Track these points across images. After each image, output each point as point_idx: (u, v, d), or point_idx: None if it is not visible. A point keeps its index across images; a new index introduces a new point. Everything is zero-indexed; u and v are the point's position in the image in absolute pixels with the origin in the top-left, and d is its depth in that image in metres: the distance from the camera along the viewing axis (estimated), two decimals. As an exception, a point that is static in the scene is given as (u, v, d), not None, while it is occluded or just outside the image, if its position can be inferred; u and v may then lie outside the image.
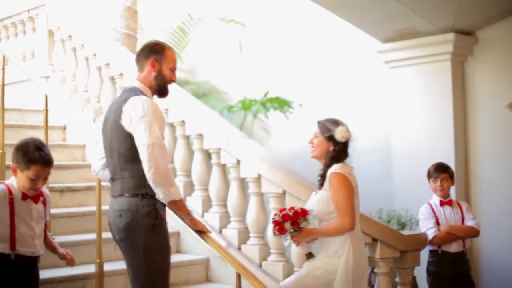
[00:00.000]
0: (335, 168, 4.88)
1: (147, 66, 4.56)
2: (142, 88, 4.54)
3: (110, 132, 4.44)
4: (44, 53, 8.76)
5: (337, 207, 4.79)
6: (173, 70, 4.66)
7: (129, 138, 4.32)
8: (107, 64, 7.82)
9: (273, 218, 4.83)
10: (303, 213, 4.80)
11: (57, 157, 7.47)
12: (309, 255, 4.91)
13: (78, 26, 8.30)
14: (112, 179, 4.49)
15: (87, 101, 8.15)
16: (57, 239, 6.09)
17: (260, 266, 6.23)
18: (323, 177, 4.95)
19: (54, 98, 7.80)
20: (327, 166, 4.94)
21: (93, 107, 8.02)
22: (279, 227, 4.75)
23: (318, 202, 4.89)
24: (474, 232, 6.49)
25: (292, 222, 4.76)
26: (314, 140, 5.02)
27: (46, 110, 6.57)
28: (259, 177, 6.30)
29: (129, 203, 4.34)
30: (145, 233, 4.32)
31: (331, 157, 4.94)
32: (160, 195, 4.29)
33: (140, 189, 4.33)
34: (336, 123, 5.02)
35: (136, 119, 4.28)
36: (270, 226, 5.13)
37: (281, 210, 4.84)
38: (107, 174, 4.70)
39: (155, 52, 4.59)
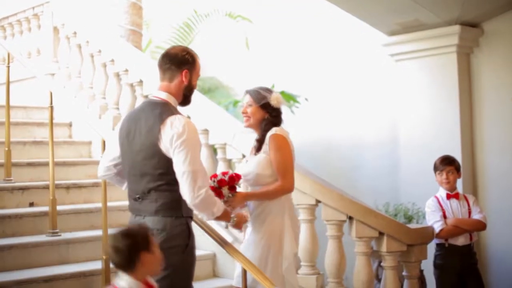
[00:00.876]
0: (275, 130, 4.86)
1: (178, 76, 4.40)
2: (170, 100, 4.37)
3: (141, 152, 4.26)
4: (49, 50, 8.75)
5: (278, 168, 4.77)
6: (198, 77, 4.61)
7: (166, 161, 4.18)
8: (112, 61, 7.81)
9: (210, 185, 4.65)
10: (237, 177, 4.76)
11: (63, 154, 7.55)
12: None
13: (83, 23, 8.29)
14: (140, 199, 4.30)
15: (93, 98, 8.15)
16: (64, 236, 6.13)
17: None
18: (260, 141, 4.89)
19: (60, 95, 7.81)
20: (265, 131, 4.88)
21: (99, 103, 8.02)
22: (216, 193, 4.60)
23: (257, 165, 4.81)
24: (481, 226, 6.50)
25: (230, 187, 4.71)
26: (247, 109, 4.93)
27: (52, 107, 6.57)
28: (264, 172, 6.28)
29: (163, 223, 4.21)
30: (177, 252, 4.21)
31: (268, 122, 4.90)
32: (204, 218, 4.32)
33: (175, 210, 4.22)
34: (268, 90, 5.00)
35: (176, 143, 4.12)
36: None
37: (213, 176, 4.74)
38: (119, 182, 4.65)
39: (187, 62, 4.44)
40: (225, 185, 4.70)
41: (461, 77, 8.72)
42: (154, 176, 4.23)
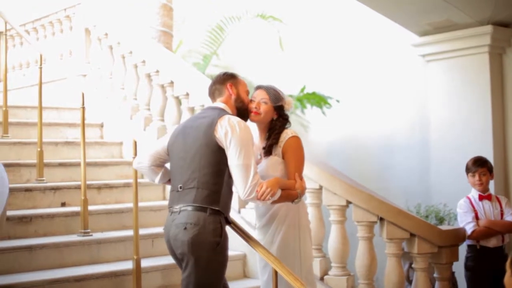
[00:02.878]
0: (291, 132, 4.86)
1: (225, 90, 4.68)
2: (227, 109, 4.62)
3: (194, 145, 4.44)
4: (81, 51, 8.81)
5: (296, 169, 4.74)
6: (247, 93, 4.82)
7: (219, 152, 4.37)
8: (143, 62, 7.84)
9: None
10: None
11: (95, 154, 7.61)
12: None
13: (114, 24, 8.33)
14: (181, 188, 4.43)
15: (124, 99, 8.19)
16: (95, 236, 6.17)
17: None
18: (271, 145, 4.83)
19: (91, 96, 7.86)
20: (278, 133, 4.85)
21: (130, 104, 8.06)
22: None
23: (270, 167, 4.78)
24: None
25: None
26: (261, 106, 4.88)
27: (83, 108, 6.61)
28: (295, 173, 6.27)
29: (197, 217, 4.31)
30: (208, 249, 4.30)
31: (281, 125, 4.89)
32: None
33: (212, 203, 4.33)
34: (282, 92, 4.99)
35: (232, 136, 4.33)
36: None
37: None
38: (153, 172, 4.76)
39: (228, 77, 4.73)
40: None
41: (493, 78, 8.65)
42: (200, 166, 4.38)
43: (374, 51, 10.32)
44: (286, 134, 4.84)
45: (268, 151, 4.84)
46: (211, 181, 4.36)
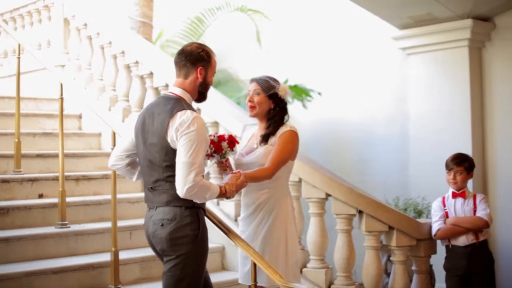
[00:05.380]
0: (290, 127, 4.82)
1: (193, 73, 4.47)
2: (185, 96, 4.45)
3: (153, 145, 4.35)
4: (60, 41, 8.76)
5: (276, 157, 4.68)
6: (214, 75, 4.65)
7: (173, 153, 4.26)
8: (123, 52, 7.81)
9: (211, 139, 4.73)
10: (236, 142, 4.82)
11: (73, 145, 7.56)
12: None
13: (94, 15, 8.28)
14: (152, 189, 4.39)
15: (103, 90, 8.15)
16: (73, 228, 6.13)
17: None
18: (269, 134, 4.81)
19: (70, 86, 7.78)
20: (275, 122, 4.84)
21: (109, 95, 8.02)
22: (215, 145, 4.71)
23: (263, 157, 4.75)
24: (481, 223, 6.18)
25: (229, 142, 4.75)
26: (254, 98, 4.85)
27: (62, 98, 6.56)
28: (274, 165, 6.26)
29: (173, 213, 4.29)
30: (187, 243, 4.28)
31: (277, 113, 4.87)
32: (197, 202, 4.30)
33: (185, 201, 4.26)
34: (276, 80, 4.92)
35: (182, 136, 4.20)
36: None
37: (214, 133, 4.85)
38: (129, 172, 4.69)
39: (202, 59, 4.49)
40: (224, 141, 4.76)
41: (472, 72, 8.68)
42: (162, 168, 4.31)
43: (354, 44, 10.32)
44: (286, 127, 4.82)
45: (264, 139, 4.82)
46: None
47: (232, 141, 4.80)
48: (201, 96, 4.56)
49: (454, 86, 8.78)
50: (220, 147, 4.74)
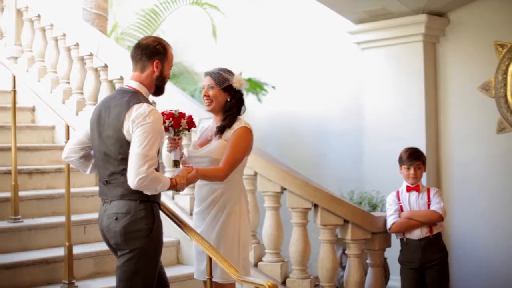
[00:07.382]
0: (245, 123, 4.82)
1: (149, 67, 4.45)
2: (142, 89, 4.43)
3: (108, 138, 4.32)
4: (12, 33, 8.63)
5: (229, 157, 4.68)
6: (171, 68, 4.63)
7: (128, 146, 4.23)
8: (77, 45, 7.72)
9: (168, 112, 4.73)
10: (193, 124, 4.82)
11: (26, 138, 7.45)
12: (176, 163, 4.86)
13: (47, 6, 8.16)
14: (107, 183, 4.36)
15: (56, 82, 8.06)
16: (26, 222, 6.05)
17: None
18: (224, 127, 4.81)
19: (23, 79, 7.68)
20: (233, 117, 4.83)
21: (62, 88, 7.93)
22: (174, 120, 4.69)
23: (217, 150, 4.75)
24: (435, 216, 6.22)
25: (188, 122, 4.76)
26: (209, 92, 4.84)
27: (14, 91, 6.49)
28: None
29: (127, 206, 4.26)
30: (141, 237, 4.25)
31: (233, 106, 4.85)
32: (148, 193, 4.26)
33: (140, 194, 4.24)
34: (230, 72, 4.91)
35: (137, 128, 4.18)
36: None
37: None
38: (82, 164, 4.64)
39: (158, 52, 4.48)
40: (184, 119, 4.75)
41: (427, 67, 8.76)
42: (117, 161, 4.29)
43: (310, 38, 10.35)
44: (240, 123, 4.81)
45: (220, 131, 4.80)
46: None
47: (192, 122, 4.79)
48: (158, 89, 4.55)
49: (409, 81, 8.85)
50: (179, 122, 4.72)
